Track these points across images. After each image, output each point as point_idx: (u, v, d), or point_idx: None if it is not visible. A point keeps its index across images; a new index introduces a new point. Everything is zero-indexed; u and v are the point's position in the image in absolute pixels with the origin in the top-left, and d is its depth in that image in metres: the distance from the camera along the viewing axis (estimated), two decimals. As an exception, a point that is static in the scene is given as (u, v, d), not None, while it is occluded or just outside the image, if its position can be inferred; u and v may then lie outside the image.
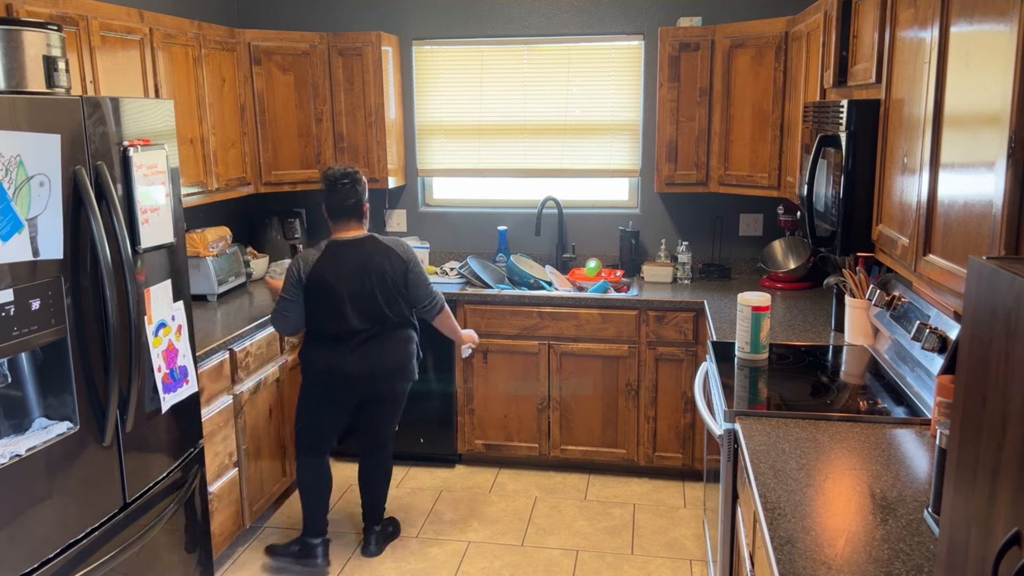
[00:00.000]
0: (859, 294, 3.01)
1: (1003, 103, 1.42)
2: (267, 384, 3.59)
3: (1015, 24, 1.39)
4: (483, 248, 4.71)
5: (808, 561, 1.57)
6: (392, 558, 3.41)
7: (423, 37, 4.55)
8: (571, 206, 4.63)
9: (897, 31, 2.19)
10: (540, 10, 4.43)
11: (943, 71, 1.79)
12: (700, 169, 4.13)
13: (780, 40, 3.81)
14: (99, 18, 2.99)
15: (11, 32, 2.17)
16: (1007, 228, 1.41)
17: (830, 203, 2.58)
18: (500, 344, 4.08)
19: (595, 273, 4.34)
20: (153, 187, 2.54)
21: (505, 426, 4.18)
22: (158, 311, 2.58)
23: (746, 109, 3.97)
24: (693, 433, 4.00)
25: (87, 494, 2.29)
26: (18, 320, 2.03)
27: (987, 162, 1.51)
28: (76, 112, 2.22)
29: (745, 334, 2.84)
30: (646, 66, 4.38)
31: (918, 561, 1.57)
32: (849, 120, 2.40)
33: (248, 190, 4.15)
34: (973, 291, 1.10)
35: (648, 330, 3.94)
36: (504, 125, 4.59)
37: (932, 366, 2.33)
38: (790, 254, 4.19)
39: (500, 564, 3.37)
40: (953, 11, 1.74)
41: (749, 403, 2.47)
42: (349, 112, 4.31)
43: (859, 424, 2.29)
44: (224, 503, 3.25)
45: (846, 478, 1.94)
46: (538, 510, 3.82)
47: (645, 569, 3.33)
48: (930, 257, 1.85)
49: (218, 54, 3.86)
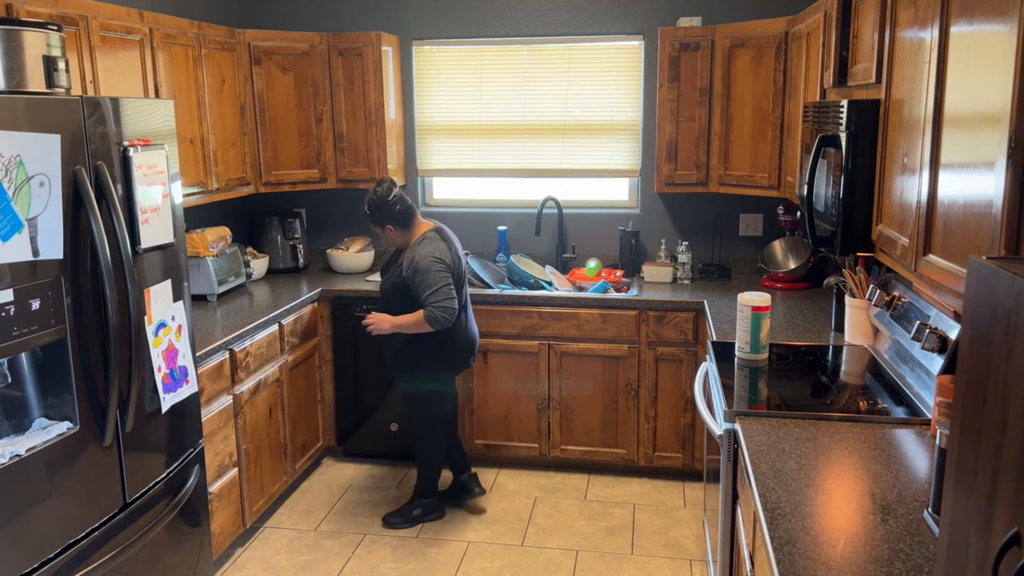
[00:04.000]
0: (859, 294, 3.01)
1: (1003, 103, 1.42)
2: (267, 384, 3.59)
3: (1015, 24, 1.39)
4: (483, 248, 4.71)
5: (808, 561, 1.57)
6: (392, 558, 3.42)
7: (423, 37, 4.55)
8: (571, 206, 4.63)
9: (897, 31, 2.19)
10: (540, 10, 4.43)
11: (943, 71, 1.79)
12: (700, 169, 4.13)
13: (780, 40, 3.81)
14: (99, 18, 2.99)
15: (11, 32, 2.17)
16: (1007, 228, 1.41)
17: (830, 203, 2.58)
18: (500, 344, 4.08)
19: (595, 273, 4.34)
20: (153, 187, 2.54)
21: (505, 426, 4.18)
22: (158, 311, 2.58)
23: (746, 109, 3.97)
24: (693, 433, 4.00)
25: (87, 494, 2.29)
26: (18, 320, 2.03)
27: (987, 162, 1.51)
28: (76, 112, 2.22)
29: (745, 334, 2.84)
30: (646, 66, 4.38)
31: (918, 561, 1.57)
32: (849, 120, 2.40)
33: (248, 190, 4.15)
34: (973, 291, 1.10)
35: (648, 330, 3.94)
36: (504, 125, 4.59)
37: (932, 366, 2.33)
38: (790, 254, 4.19)
39: (500, 564, 3.37)
40: (953, 11, 1.74)
41: (749, 403, 2.47)
42: (349, 112, 4.31)
43: (859, 424, 2.29)
44: (224, 503, 3.25)
45: (846, 478, 1.94)
46: (538, 510, 3.82)
47: (645, 569, 3.33)
48: (930, 257, 1.85)
49: (218, 54, 3.86)
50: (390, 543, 3.53)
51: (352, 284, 4.25)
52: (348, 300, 4.15)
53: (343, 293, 4.15)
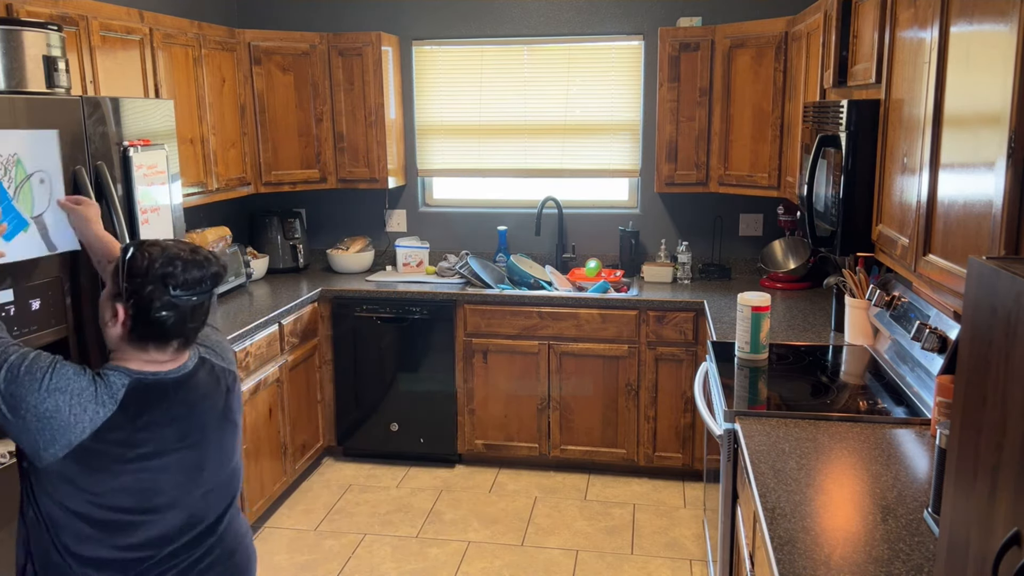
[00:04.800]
0: (859, 294, 3.01)
1: (1003, 103, 1.42)
2: (267, 384, 3.59)
3: (1015, 24, 1.39)
4: (483, 248, 4.71)
5: (808, 561, 1.57)
6: (392, 558, 3.42)
7: (423, 37, 4.55)
8: (571, 206, 4.63)
9: (897, 31, 2.19)
10: (540, 10, 4.43)
11: (943, 71, 1.79)
12: (700, 169, 4.13)
13: (780, 40, 3.81)
14: (99, 18, 2.99)
15: (11, 32, 2.17)
16: (1007, 228, 1.41)
17: (830, 203, 2.58)
18: (500, 344, 4.08)
19: (595, 273, 4.34)
20: (153, 187, 2.54)
21: (505, 426, 4.18)
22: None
23: (746, 109, 3.97)
24: (693, 433, 4.00)
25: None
26: (18, 320, 2.03)
27: (987, 162, 1.51)
28: (76, 112, 2.22)
29: (745, 334, 2.84)
30: (646, 66, 4.38)
31: (918, 561, 1.57)
32: (849, 120, 2.40)
33: (248, 190, 4.15)
34: (973, 291, 1.10)
35: (648, 330, 3.94)
36: (504, 125, 4.59)
37: (932, 366, 2.33)
38: (790, 254, 4.19)
39: (500, 564, 3.37)
40: (953, 11, 1.74)
41: (749, 403, 2.47)
42: (349, 112, 4.31)
43: (859, 424, 2.29)
44: (224, 503, 3.25)
45: (846, 478, 1.94)
46: (538, 510, 3.82)
47: (645, 569, 3.33)
48: (930, 257, 1.85)
49: (218, 54, 3.86)
50: (390, 543, 3.53)
51: (352, 284, 4.25)
52: (348, 300, 4.15)
53: (343, 293, 4.15)
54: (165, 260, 1.61)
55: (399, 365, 4.18)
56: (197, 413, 1.68)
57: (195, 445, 1.67)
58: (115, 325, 1.62)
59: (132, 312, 1.60)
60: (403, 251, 4.49)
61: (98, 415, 1.54)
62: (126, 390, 1.58)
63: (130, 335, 1.62)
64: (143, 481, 1.60)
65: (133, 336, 1.62)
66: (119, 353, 1.65)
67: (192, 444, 1.67)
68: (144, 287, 1.59)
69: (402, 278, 4.38)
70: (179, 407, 1.65)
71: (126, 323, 1.61)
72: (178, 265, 1.61)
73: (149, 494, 1.61)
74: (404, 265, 4.49)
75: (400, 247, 4.50)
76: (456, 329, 4.11)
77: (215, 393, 1.73)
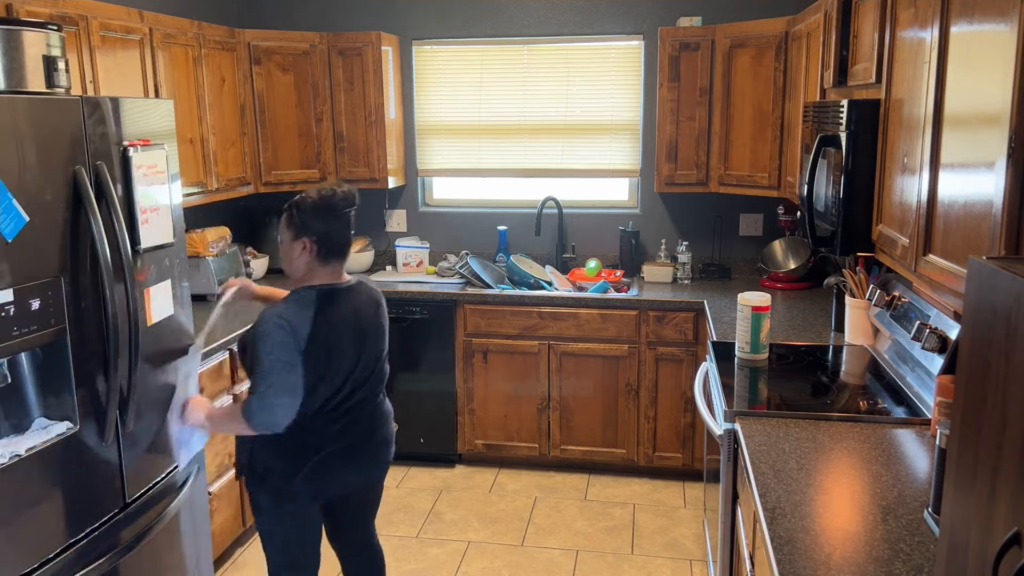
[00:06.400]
0: (859, 294, 3.01)
1: (1003, 103, 1.42)
2: (267, 384, 3.58)
3: (1015, 24, 1.38)
4: (483, 248, 4.71)
5: (808, 561, 1.57)
6: (392, 558, 3.41)
7: (423, 37, 4.55)
8: (571, 206, 4.63)
9: (897, 31, 2.19)
10: (540, 10, 4.43)
11: (943, 71, 1.79)
12: (700, 169, 4.13)
13: (780, 40, 3.81)
14: (99, 18, 2.99)
15: (11, 32, 2.17)
16: (1007, 228, 1.41)
17: (830, 203, 2.58)
18: (500, 344, 4.08)
19: (595, 273, 4.34)
20: (153, 187, 2.54)
21: (505, 426, 4.18)
22: (158, 311, 2.58)
23: (746, 109, 3.97)
24: (693, 433, 4.00)
25: (87, 494, 2.29)
26: (18, 320, 2.03)
27: (987, 162, 1.51)
28: (76, 112, 2.22)
29: (745, 334, 2.84)
30: (646, 66, 4.38)
31: (918, 561, 1.56)
32: (849, 120, 2.40)
33: (248, 190, 4.15)
34: (973, 291, 1.10)
35: (648, 330, 3.94)
36: (504, 125, 4.59)
37: (932, 366, 2.33)
38: (790, 254, 4.19)
39: (500, 564, 3.37)
40: (953, 11, 1.74)
41: (749, 403, 2.47)
42: (349, 112, 4.31)
43: (859, 424, 2.29)
44: (224, 503, 3.25)
45: (846, 478, 1.94)
46: (538, 510, 3.82)
47: (645, 569, 3.33)
48: (930, 257, 1.85)
49: (218, 54, 3.86)
50: (390, 543, 3.53)
51: (352, 284, 4.25)
52: (348, 300, 4.14)
53: (343, 293, 4.14)
54: (318, 194, 2.24)
55: (399, 365, 4.18)
56: (359, 313, 2.33)
57: (360, 336, 2.32)
58: (304, 255, 2.26)
59: (315, 238, 2.23)
60: (403, 251, 4.49)
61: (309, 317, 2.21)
62: (316, 295, 2.25)
63: (318, 257, 2.26)
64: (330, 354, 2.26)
65: (320, 257, 2.26)
66: (308, 276, 2.29)
67: (358, 334, 2.32)
68: (317, 217, 2.23)
69: (402, 278, 4.38)
70: (347, 306, 2.30)
71: (312, 249, 2.25)
72: (328, 191, 2.24)
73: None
74: (404, 265, 4.49)
75: (400, 247, 4.50)
76: (456, 329, 4.11)
77: (370, 302, 2.39)
